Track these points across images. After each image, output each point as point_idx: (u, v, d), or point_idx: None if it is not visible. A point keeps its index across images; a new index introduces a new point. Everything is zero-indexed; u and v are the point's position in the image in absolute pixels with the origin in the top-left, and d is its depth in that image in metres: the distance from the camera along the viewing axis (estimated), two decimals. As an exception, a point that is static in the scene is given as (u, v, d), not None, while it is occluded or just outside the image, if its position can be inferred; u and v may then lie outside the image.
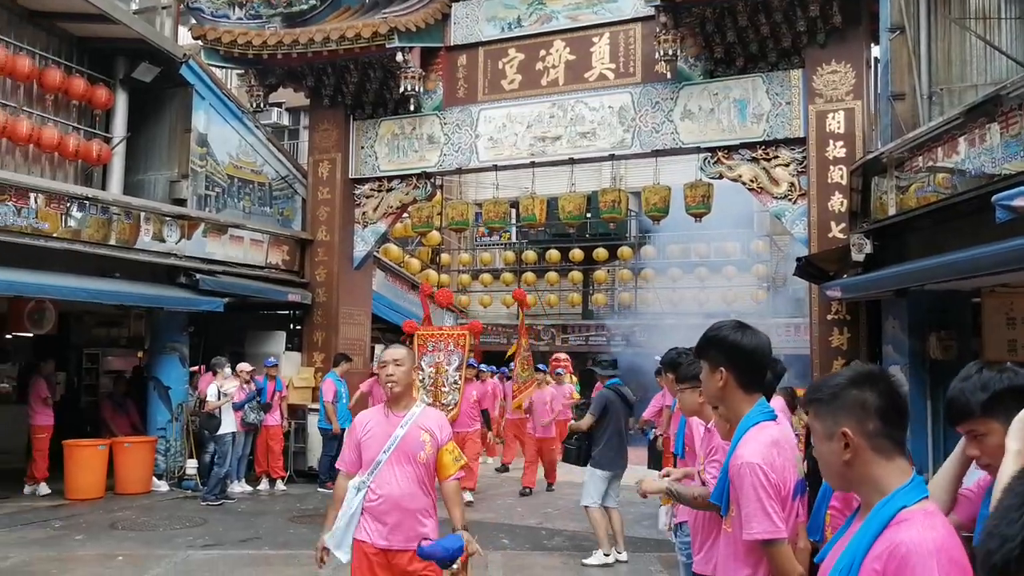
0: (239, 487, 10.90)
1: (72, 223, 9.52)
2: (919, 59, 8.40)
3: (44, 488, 10.31)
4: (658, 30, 9.88)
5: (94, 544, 8.00)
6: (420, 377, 10.03)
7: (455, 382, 10.21)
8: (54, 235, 9.30)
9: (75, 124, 11.14)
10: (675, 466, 6.80)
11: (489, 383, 12.93)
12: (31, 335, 11.36)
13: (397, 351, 4.00)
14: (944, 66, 8.31)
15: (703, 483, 3.82)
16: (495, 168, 11.82)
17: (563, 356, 15.82)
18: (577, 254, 20.14)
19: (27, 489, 10.34)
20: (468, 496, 10.07)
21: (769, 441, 2.58)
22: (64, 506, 9.83)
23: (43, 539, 8.19)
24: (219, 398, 10.23)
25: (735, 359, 2.71)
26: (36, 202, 9.12)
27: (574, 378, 15.71)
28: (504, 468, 13.69)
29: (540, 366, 12.69)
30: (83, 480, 10.22)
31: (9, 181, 8.95)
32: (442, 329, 10.60)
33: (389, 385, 3.89)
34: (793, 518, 2.59)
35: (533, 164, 11.53)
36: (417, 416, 3.91)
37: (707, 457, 3.76)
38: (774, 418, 2.72)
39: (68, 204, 9.49)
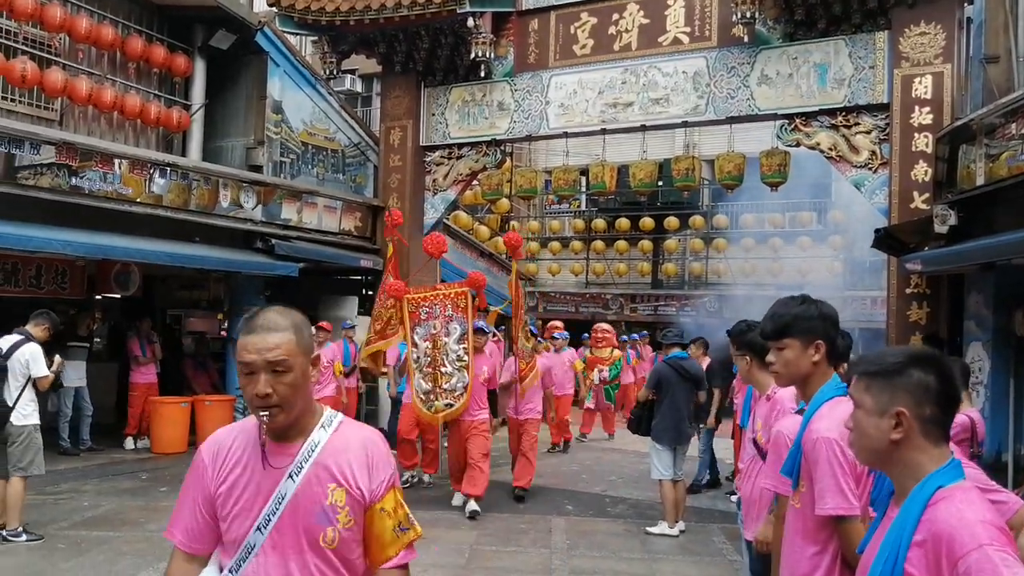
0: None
1: (155, 188, 9.82)
2: (1017, 19, 8.00)
3: (131, 442, 10.82)
4: (735, -8, 9.61)
5: (178, 495, 8.35)
6: (414, 356, 8.35)
7: (459, 359, 8.13)
8: (138, 200, 9.61)
9: (156, 91, 11.43)
10: (737, 437, 6.76)
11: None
12: (119, 296, 11.82)
13: (270, 337, 1.97)
14: (1042, 27, 7.90)
15: (758, 448, 3.80)
16: (565, 135, 11.71)
17: (605, 326, 14.72)
18: (647, 222, 19.89)
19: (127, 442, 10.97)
20: (474, 506, 8.09)
21: (845, 416, 2.54)
22: (150, 459, 10.32)
23: (132, 489, 8.63)
24: None
25: (830, 330, 2.71)
26: (120, 168, 9.43)
27: (616, 352, 14.35)
28: None
29: (532, 329, 10.43)
30: (167, 435, 10.68)
31: (95, 147, 9.27)
32: (436, 288, 8.51)
33: (264, 415, 1.98)
34: (866, 495, 2.56)
35: (604, 131, 11.39)
36: (320, 450, 2.03)
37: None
38: (846, 393, 2.68)
39: (150, 170, 9.78)
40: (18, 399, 6.49)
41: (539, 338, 11.79)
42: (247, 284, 11.77)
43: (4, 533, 6.51)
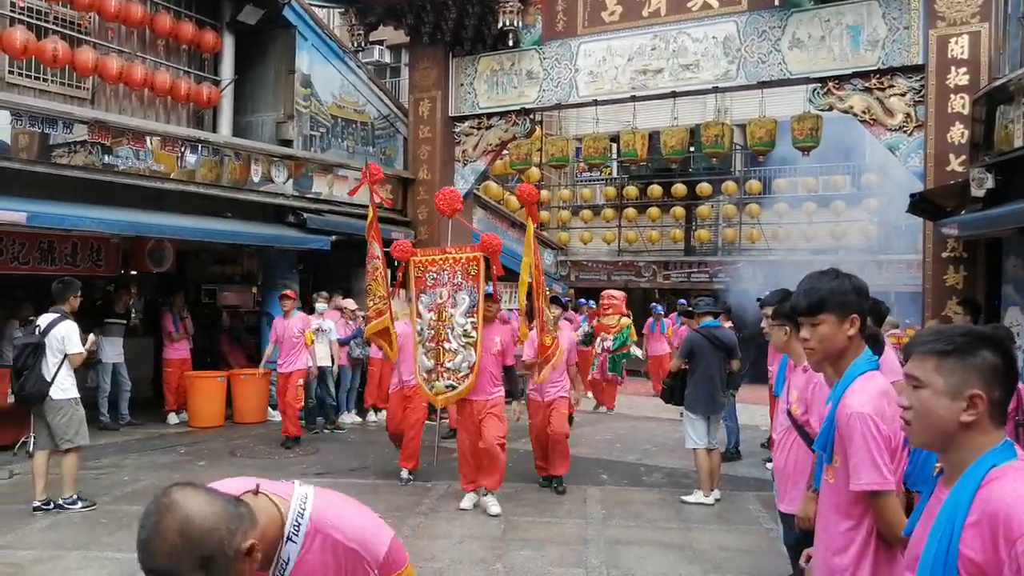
0: (348, 418, 11.36)
1: (186, 165, 9.91)
2: (1057, -25, 7.75)
3: (173, 418, 11.03)
4: (766, -47, 9.42)
5: (215, 470, 8.52)
6: (418, 327, 7.38)
7: (466, 334, 7.05)
8: (170, 176, 9.71)
9: (185, 68, 11.50)
10: (772, 406, 6.74)
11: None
12: (153, 272, 11.99)
13: None
14: (1085, -18, 7.65)
15: (792, 420, 3.79)
16: (595, 103, 11.61)
17: (615, 293, 13.74)
18: (680, 189, 19.72)
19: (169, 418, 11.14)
20: (494, 505, 7.07)
21: (878, 391, 2.53)
22: (188, 433, 10.49)
23: (170, 464, 8.80)
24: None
25: (864, 304, 2.68)
26: (152, 145, 9.52)
27: (624, 320, 13.40)
28: None
29: (558, 296, 9.37)
30: (204, 409, 10.86)
31: (127, 125, 9.37)
32: (446, 252, 7.41)
33: None
34: (901, 470, 2.54)
35: (634, 98, 11.28)
36: (290, 573, 1.80)
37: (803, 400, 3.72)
38: (878, 367, 2.66)
39: (182, 147, 9.87)
40: (56, 374, 6.73)
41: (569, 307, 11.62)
42: (280, 258, 11.89)
43: (61, 501, 6.81)
